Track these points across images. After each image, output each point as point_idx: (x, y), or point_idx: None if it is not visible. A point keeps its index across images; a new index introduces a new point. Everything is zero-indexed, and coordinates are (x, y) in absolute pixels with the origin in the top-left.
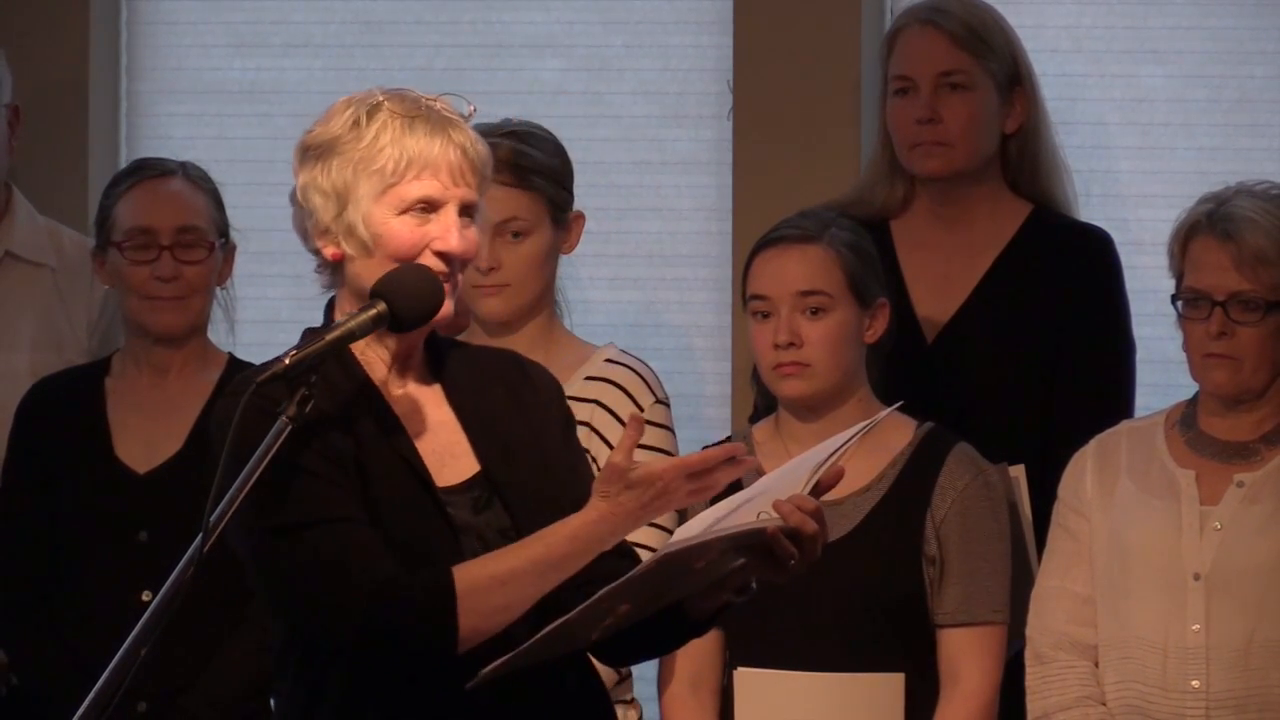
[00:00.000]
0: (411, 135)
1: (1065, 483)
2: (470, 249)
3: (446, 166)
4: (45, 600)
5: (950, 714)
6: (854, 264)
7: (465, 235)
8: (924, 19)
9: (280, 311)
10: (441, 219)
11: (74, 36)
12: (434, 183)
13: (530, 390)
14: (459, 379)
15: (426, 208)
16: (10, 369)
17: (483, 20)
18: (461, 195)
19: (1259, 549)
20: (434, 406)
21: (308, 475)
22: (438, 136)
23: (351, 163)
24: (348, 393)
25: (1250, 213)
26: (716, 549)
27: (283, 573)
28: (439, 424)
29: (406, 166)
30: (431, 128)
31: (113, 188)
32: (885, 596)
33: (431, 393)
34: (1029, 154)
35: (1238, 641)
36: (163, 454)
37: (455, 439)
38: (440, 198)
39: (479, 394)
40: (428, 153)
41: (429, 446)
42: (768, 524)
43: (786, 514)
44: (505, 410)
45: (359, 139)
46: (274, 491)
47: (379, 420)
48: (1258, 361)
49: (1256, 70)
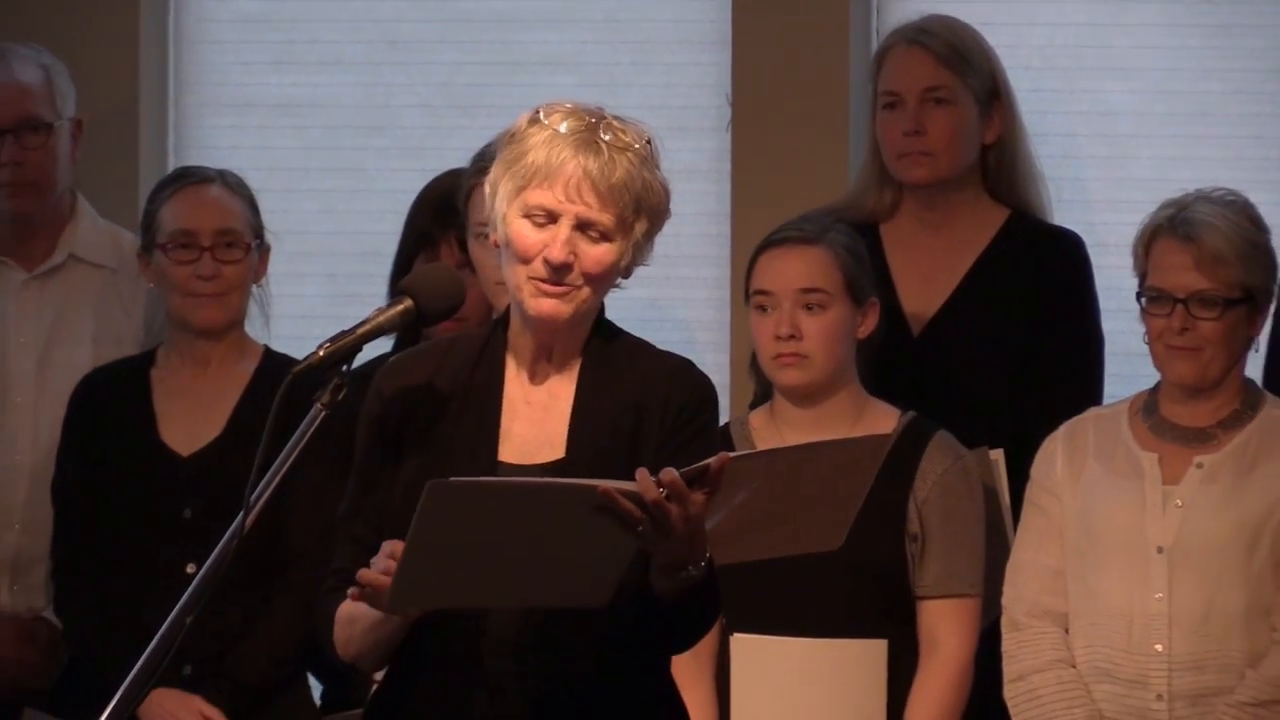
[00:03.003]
0: (552, 148)
1: (1037, 465)
2: (568, 260)
3: (564, 182)
4: (98, 573)
5: (929, 678)
6: (850, 265)
7: (577, 248)
8: (910, 39)
9: (313, 307)
10: (556, 229)
11: (126, 56)
12: (551, 195)
13: (660, 404)
14: (600, 377)
15: (547, 217)
16: (73, 362)
17: (501, 40)
18: (578, 211)
19: (1217, 525)
20: (556, 397)
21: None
22: (571, 154)
23: (505, 161)
24: (468, 370)
25: (1209, 217)
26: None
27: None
28: (550, 412)
29: (534, 174)
30: (574, 145)
31: (157, 194)
32: (871, 569)
33: (563, 384)
34: (1006, 163)
35: (1197, 609)
36: (204, 438)
37: (557, 429)
38: (556, 209)
39: (608, 393)
40: (555, 166)
41: (526, 430)
42: (599, 483)
43: (639, 478)
44: (620, 416)
45: (517, 141)
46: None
47: (482, 401)
48: (1216, 353)
49: (1213, 86)
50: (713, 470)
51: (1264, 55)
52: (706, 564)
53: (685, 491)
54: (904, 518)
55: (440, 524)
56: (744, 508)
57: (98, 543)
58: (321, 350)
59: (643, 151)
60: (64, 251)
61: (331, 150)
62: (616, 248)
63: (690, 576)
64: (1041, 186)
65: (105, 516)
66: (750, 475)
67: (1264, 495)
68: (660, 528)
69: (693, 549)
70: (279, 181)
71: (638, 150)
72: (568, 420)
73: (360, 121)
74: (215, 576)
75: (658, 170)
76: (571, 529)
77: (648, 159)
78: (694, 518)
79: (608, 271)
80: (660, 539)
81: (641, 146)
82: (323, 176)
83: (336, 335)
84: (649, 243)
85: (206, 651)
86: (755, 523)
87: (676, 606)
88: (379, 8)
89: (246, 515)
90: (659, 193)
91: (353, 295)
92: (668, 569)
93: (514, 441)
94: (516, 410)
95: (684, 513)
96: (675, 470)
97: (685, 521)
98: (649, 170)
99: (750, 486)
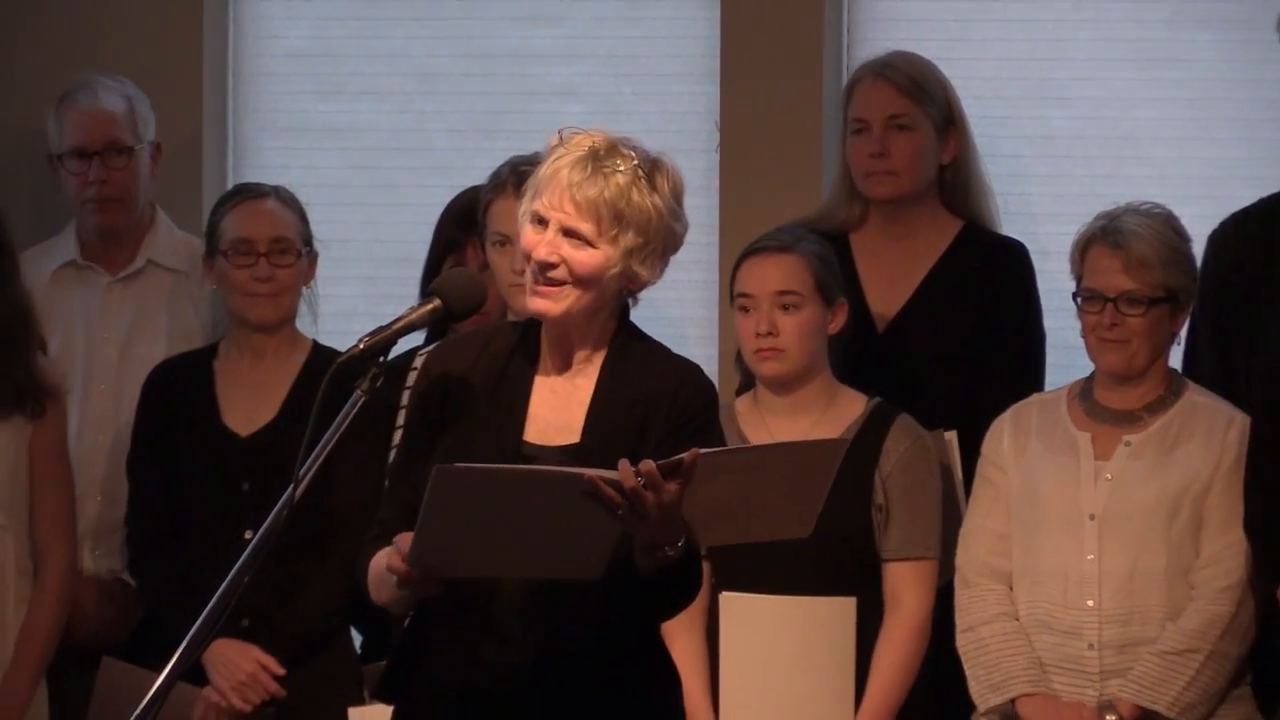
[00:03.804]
0: (554, 164)
1: (987, 443)
2: (553, 262)
3: (552, 192)
4: (167, 538)
5: (892, 631)
6: (821, 270)
7: (564, 252)
8: (876, 72)
9: (355, 306)
10: (544, 233)
11: (192, 88)
12: (542, 203)
13: (668, 399)
14: (619, 373)
15: (541, 222)
16: (150, 356)
17: (518, 73)
18: (559, 218)
19: (1142, 496)
20: (578, 388)
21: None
22: (565, 169)
23: (533, 175)
24: (504, 359)
25: (1136, 227)
26: (563, 483)
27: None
28: (571, 401)
29: (538, 185)
30: (569, 163)
31: (219, 207)
32: (842, 536)
33: (586, 378)
34: (960, 181)
35: (1124, 569)
36: (260, 421)
37: (576, 416)
38: (545, 215)
39: (623, 388)
40: (550, 179)
41: (549, 415)
42: (585, 471)
43: (620, 468)
44: (632, 409)
45: (542, 159)
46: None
47: (513, 386)
48: (1141, 346)
49: (1141, 113)
50: (685, 464)
51: (1187, 86)
52: (685, 546)
53: (660, 481)
54: (870, 490)
55: (447, 503)
56: (719, 498)
57: (167, 512)
58: (362, 344)
59: (632, 174)
60: (143, 258)
61: (371, 169)
62: (601, 254)
63: (667, 556)
64: (991, 201)
65: (173, 489)
66: (720, 470)
67: (1183, 471)
68: (638, 512)
69: (668, 531)
70: (325, 196)
71: (624, 172)
72: (586, 409)
73: (396, 144)
74: (269, 541)
75: (653, 194)
76: (563, 511)
77: (639, 182)
78: (668, 505)
79: (593, 274)
80: (638, 521)
81: (631, 170)
82: (363, 192)
83: (375, 331)
84: (652, 260)
85: (262, 607)
86: (732, 512)
87: (656, 582)
88: (413, 45)
89: (296, 488)
90: (648, 211)
91: (389, 296)
92: (647, 548)
93: (538, 424)
94: (543, 397)
95: (659, 500)
96: (653, 462)
97: (659, 508)
98: (639, 191)
99: (722, 480)
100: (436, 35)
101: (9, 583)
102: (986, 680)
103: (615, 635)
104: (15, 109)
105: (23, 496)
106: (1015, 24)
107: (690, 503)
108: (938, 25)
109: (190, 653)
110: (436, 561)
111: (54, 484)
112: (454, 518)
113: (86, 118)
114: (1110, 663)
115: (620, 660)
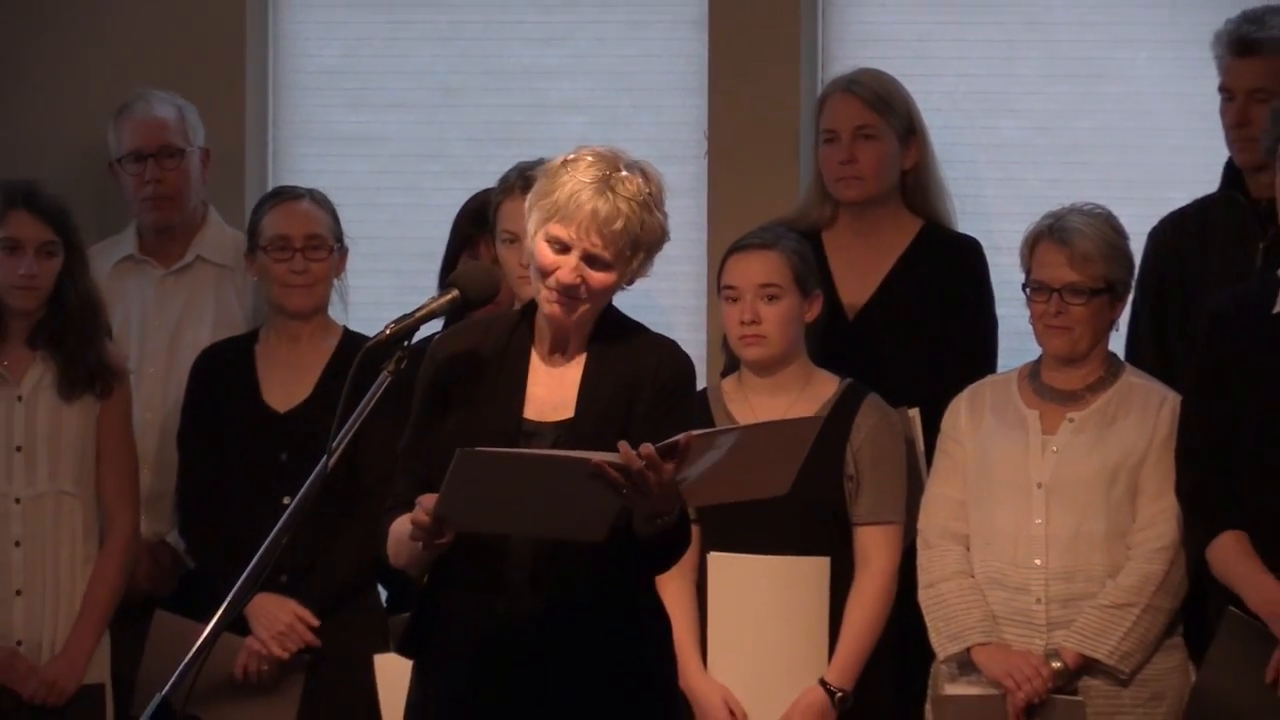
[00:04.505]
0: (573, 193)
1: (946, 419)
2: (576, 284)
3: (578, 223)
4: (213, 504)
5: (863, 587)
6: (798, 265)
7: (583, 273)
8: (844, 88)
9: (383, 296)
10: (568, 257)
11: (235, 101)
12: (566, 231)
13: (650, 374)
14: (605, 354)
15: (562, 246)
16: (197, 342)
17: (528, 88)
18: (585, 247)
19: (1084, 466)
20: (570, 369)
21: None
22: (587, 199)
23: (539, 194)
24: (503, 345)
25: (1080, 225)
26: (573, 467)
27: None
28: (564, 381)
29: (556, 212)
30: (590, 193)
31: (259, 207)
32: (817, 502)
33: (576, 360)
34: (921, 184)
35: (1068, 532)
36: (297, 399)
37: (569, 394)
38: (569, 242)
39: (610, 367)
40: (572, 209)
41: (544, 394)
42: (593, 456)
43: (622, 450)
44: (620, 384)
45: (549, 179)
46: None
47: (512, 369)
48: (1084, 332)
49: (1084, 123)
50: (680, 446)
51: (1124, 99)
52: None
53: (659, 462)
54: (842, 462)
55: (468, 480)
56: (710, 469)
57: (213, 481)
58: (388, 330)
59: (644, 199)
60: (193, 253)
61: (396, 174)
62: (615, 274)
63: (665, 523)
64: (949, 202)
65: (219, 460)
66: (710, 448)
67: (1121, 444)
68: (640, 489)
69: (666, 503)
70: (355, 198)
71: (641, 200)
72: (578, 387)
73: (418, 151)
74: (305, 506)
75: (656, 211)
76: (572, 488)
77: (648, 203)
78: (666, 482)
79: (608, 290)
80: (640, 498)
81: (644, 195)
82: (389, 194)
83: (399, 318)
84: (649, 264)
85: (299, 564)
86: (720, 478)
87: (654, 544)
88: (434, 62)
89: (329, 459)
90: (655, 230)
91: (413, 287)
92: (646, 519)
93: (535, 403)
94: (538, 378)
95: (658, 478)
96: (652, 446)
97: (659, 485)
98: (648, 213)
99: (712, 455)
100: (456, 54)
101: (76, 544)
102: (945, 631)
103: (614, 589)
104: (80, 124)
105: (90, 468)
106: (971, 44)
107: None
108: (901, 45)
109: (235, 606)
110: (459, 519)
111: (120, 457)
112: (473, 491)
113: (142, 124)
114: (1056, 615)
115: (619, 611)
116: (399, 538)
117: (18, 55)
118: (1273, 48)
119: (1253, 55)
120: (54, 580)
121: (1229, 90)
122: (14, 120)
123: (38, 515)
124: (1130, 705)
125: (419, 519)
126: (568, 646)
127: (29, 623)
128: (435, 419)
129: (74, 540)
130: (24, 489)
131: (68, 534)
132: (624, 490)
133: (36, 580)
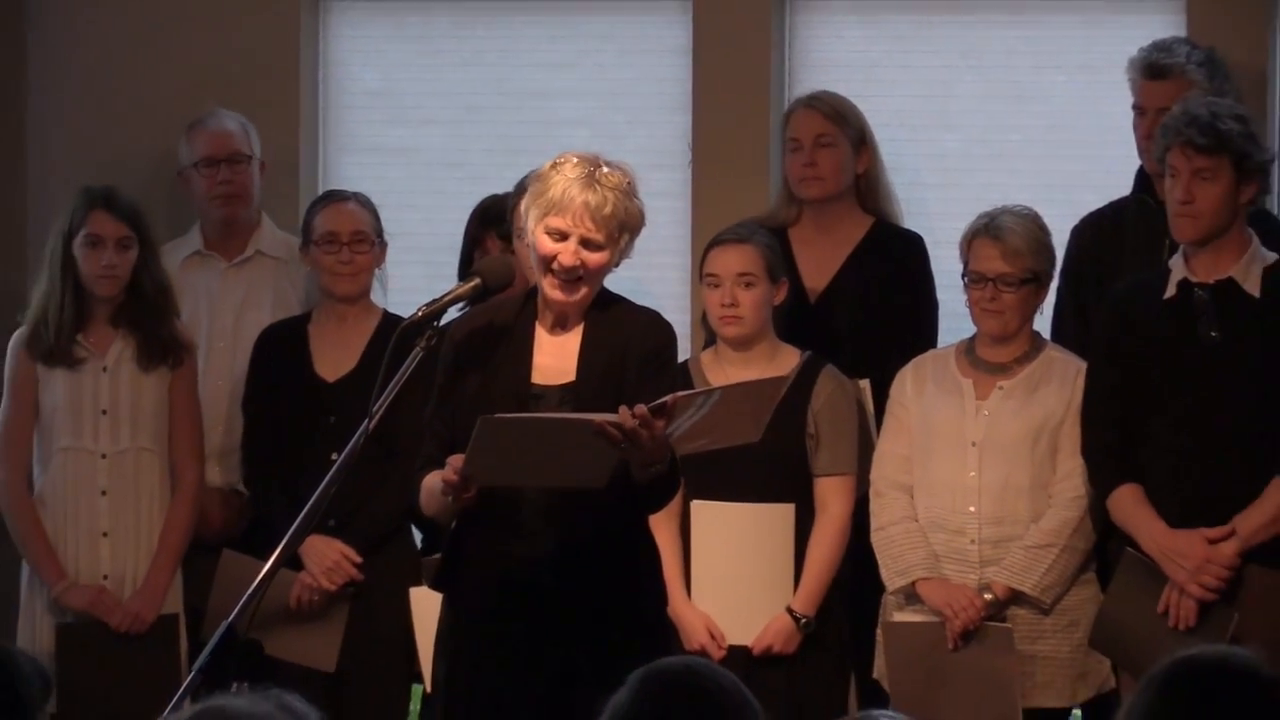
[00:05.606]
0: (565, 188)
1: (894, 387)
2: (576, 266)
3: (573, 213)
4: (273, 459)
5: (823, 529)
6: (769, 256)
7: (581, 255)
8: (806, 104)
9: (416, 284)
10: (567, 244)
11: (290, 118)
12: (562, 221)
13: (639, 344)
14: (598, 324)
15: (560, 235)
16: (258, 322)
17: (539, 106)
18: (581, 233)
19: (1012, 427)
20: (570, 339)
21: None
22: (578, 192)
23: (533, 194)
24: (510, 322)
25: (1010, 224)
26: (579, 427)
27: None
28: (565, 349)
29: (552, 206)
30: (579, 186)
31: (312, 208)
32: (783, 457)
33: (575, 332)
34: (871, 186)
35: (997, 484)
36: (343, 370)
37: (570, 361)
38: (566, 231)
39: (604, 336)
40: (566, 202)
41: (549, 361)
42: (595, 417)
43: (620, 413)
44: (614, 349)
45: (541, 181)
46: (432, 393)
47: (520, 341)
48: (1013, 315)
49: (1013, 137)
50: (669, 405)
51: (1046, 116)
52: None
53: (650, 420)
54: (804, 422)
55: (489, 443)
56: (694, 423)
57: (273, 439)
58: (420, 312)
59: (626, 188)
60: (253, 248)
61: (427, 180)
62: (607, 254)
63: (657, 471)
64: (896, 204)
65: (277, 422)
66: (693, 406)
67: (1043, 408)
68: (635, 443)
69: (657, 454)
70: (392, 200)
71: (623, 189)
72: (577, 355)
73: (447, 160)
74: (349, 462)
75: (636, 198)
76: (577, 444)
77: (629, 191)
78: (657, 437)
79: (603, 269)
80: (635, 450)
81: (625, 184)
82: (421, 197)
83: (430, 302)
84: (629, 246)
85: (345, 510)
86: (703, 430)
87: (648, 489)
88: (460, 84)
89: (370, 422)
90: (636, 215)
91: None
92: (641, 467)
93: (541, 369)
94: (543, 348)
95: (650, 434)
96: (645, 406)
97: (651, 439)
98: (630, 199)
99: (695, 412)
100: (478, 78)
101: (155, 493)
102: (894, 567)
103: (615, 528)
104: (151, 137)
105: (164, 429)
106: (915, 69)
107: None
108: (855, 70)
109: (290, 546)
110: (483, 476)
111: (189, 418)
112: (493, 451)
113: (214, 135)
114: (988, 555)
115: (619, 547)
116: (430, 491)
117: (100, 82)
118: (1178, 72)
119: (1162, 78)
120: (134, 524)
121: (1141, 108)
122: (97, 136)
123: (120, 468)
124: (1051, 631)
125: (449, 477)
126: (576, 579)
127: (114, 561)
128: (455, 387)
129: (151, 490)
130: (109, 446)
131: (146, 484)
132: (622, 444)
133: (120, 524)
